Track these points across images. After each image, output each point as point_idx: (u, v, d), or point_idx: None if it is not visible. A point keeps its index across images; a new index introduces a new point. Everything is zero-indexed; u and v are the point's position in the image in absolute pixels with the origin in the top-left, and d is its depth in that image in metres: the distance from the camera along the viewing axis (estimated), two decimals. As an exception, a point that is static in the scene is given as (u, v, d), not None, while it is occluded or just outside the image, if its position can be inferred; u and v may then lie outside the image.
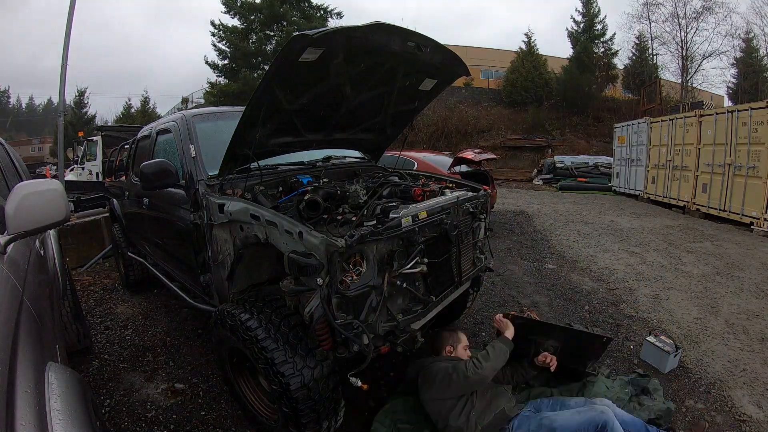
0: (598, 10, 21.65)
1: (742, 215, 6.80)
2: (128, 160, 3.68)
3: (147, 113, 27.35)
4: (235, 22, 20.39)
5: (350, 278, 1.61)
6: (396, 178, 2.60)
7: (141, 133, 3.50)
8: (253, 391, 2.09)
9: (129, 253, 3.78)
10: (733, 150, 7.07)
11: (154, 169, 2.13)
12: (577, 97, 19.08)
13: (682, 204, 8.45)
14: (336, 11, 20.87)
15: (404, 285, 1.80)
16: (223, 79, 20.96)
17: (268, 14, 19.54)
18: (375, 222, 1.72)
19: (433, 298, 1.99)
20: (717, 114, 7.68)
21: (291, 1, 19.90)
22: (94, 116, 29.12)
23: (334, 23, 20.79)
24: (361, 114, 2.46)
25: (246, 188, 2.07)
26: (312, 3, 20.76)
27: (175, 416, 2.23)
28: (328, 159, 2.79)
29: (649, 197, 9.81)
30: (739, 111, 7.05)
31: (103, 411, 2.26)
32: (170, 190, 2.36)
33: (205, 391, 2.43)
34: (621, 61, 22.15)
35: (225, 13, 20.23)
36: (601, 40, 21.71)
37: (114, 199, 4.09)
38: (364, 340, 1.60)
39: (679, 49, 20.14)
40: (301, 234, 1.56)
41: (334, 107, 2.23)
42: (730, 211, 7.09)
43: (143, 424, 2.16)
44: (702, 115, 8.07)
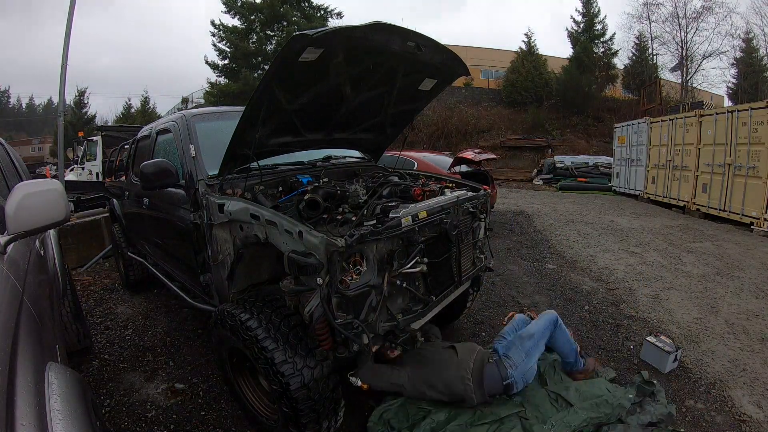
0: (598, 10, 21.66)
1: (742, 215, 6.80)
2: (128, 160, 3.68)
3: (147, 113, 27.34)
4: (235, 22, 20.41)
5: (350, 278, 1.61)
6: (396, 178, 2.60)
7: (141, 133, 3.50)
8: (253, 391, 2.09)
9: (129, 253, 3.78)
10: (733, 150, 7.07)
11: (154, 169, 2.13)
12: (577, 97, 19.07)
13: (682, 204, 8.45)
14: (336, 11, 20.91)
15: (404, 285, 1.81)
16: (223, 79, 20.96)
17: (269, 14, 19.55)
18: (375, 222, 1.72)
19: (433, 298, 1.99)
20: (717, 114, 7.68)
21: (291, 1, 19.90)
22: (94, 116, 29.11)
23: (334, 23, 20.80)
24: (361, 114, 2.46)
25: (246, 188, 2.07)
26: (312, 3, 20.77)
27: (175, 416, 2.23)
28: (328, 159, 2.79)
29: (649, 197, 9.81)
30: (739, 111, 7.05)
31: (103, 411, 2.26)
32: (170, 190, 2.36)
33: (205, 391, 2.43)
34: (621, 61, 22.18)
35: (225, 13, 20.25)
36: (601, 40, 21.71)
37: (114, 199, 4.09)
38: (364, 340, 1.60)
39: (679, 49, 20.15)
40: (300, 233, 1.56)
41: (334, 107, 2.23)
42: (730, 211, 7.09)
43: (143, 424, 2.16)
44: (702, 115, 8.07)
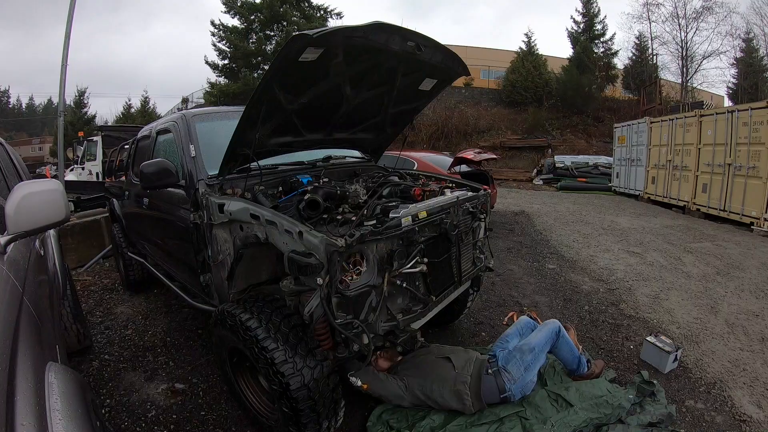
0: (598, 10, 21.67)
1: (742, 215, 6.80)
2: (128, 160, 3.68)
3: (147, 113, 27.31)
4: (235, 22, 20.42)
5: (350, 278, 1.61)
6: (396, 178, 2.60)
7: (141, 133, 3.50)
8: (253, 391, 2.09)
9: (129, 253, 3.78)
10: (733, 150, 7.07)
11: (154, 169, 2.13)
12: (577, 97, 19.07)
13: (682, 204, 8.45)
14: (336, 11, 20.91)
15: (404, 285, 1.81)
16: (223, 79, 20.97)
17: (268, 14, 19.55)
18: (375, 222, 1.73)
19: (433, 298, 1.99)
20: (717, 114, 7.68)
21: (291, 1, 19.90)
22: (94, 116, 29.10)
23: (334, 23, 20.80)
24: (361, 114, 2.46)
25: (246, 188, 2.07)
26: (312, 3, 20.77)
27: (175, 416, 2.23)
28: (328, 159, 2.78)
29: (649, 197, 9.81)
30: (739, 111, 7.05)
31: (103, 411, 2.25)
32: (170, 189, 2.36)
33: (205, 391, 2.43)
34: (621, 61, 22.19)
35: (225, 13, 20.26)
36: (601, 40, 21.72)
37: (114, 199, 4.09)
38: (364, 340, 1.60)
39: (679, 49, 20.15)
40: (300, 234, 1.56)
41: (334, 107, 2.23)
42: (730, 211, 7.09)
43: (143, 424, 2.16)
44: (702, 115, 8.07)
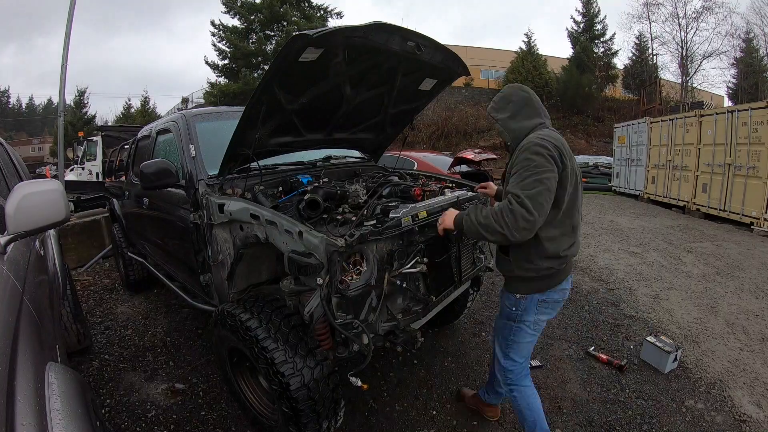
0: (598, 10, 21.71)
1: (742, 215, 6.79)
2: (128, 160, 3.68)
3: (147, 113, 27.34)
4: (235, 22, 20.42)
5: (350, 278, 1.61)
6: (396, 178, 2.60)
7: (141, 133, 3.50)
8: (253, 391, 2.09)
9: (129, 253, 3.78)
10: (733, 150, 7.07)
11: (154, 169, 2.13)
12: (577, 97, 19.09)
13: (682, 204, 8.45)
14: (336, 11, 20.91)
15: (404, 285, 1.80)
16: (223, 79, 20.97)
17: (268, 14, 19.55)
18: (375, 222, 1.72)
19: (433, 298, 1.99)
20: (717, 114, 7.68)
21: (291, 1, 19.90)
22: (94, 116, 29.12)
23: (334, 23, 20.80)
24: (361, 114, 2.46)
25: (246, 188, 2.07)
26: (312, 3, 20.77)
27: (175, 416, 2.23)
28: (328, 159, 2.78)
29: (649, 197, 9.80)
30: (739, 111, 7.04)
31: (103, 411, 2.25)
32: (170, 189, 2.36)
33: (205, 391, 2.43)
34: (621, 61, 22.26)
35: (225, 13, 20.26)
36: (601, 40, 21.76)
37: (114, 199, 4.09)
38: (364, 340, 1.60)
39: (679, 49, 20.16)
40: (300, 233, 1.56)
41: (334, 107, 2.23)
42: (730, 211, 7.09)
43: (143, 424, 2.16)
44: (702, 115, 8.07)
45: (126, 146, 4.12)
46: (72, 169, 11.55)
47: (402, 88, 2.33)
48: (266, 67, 13.85)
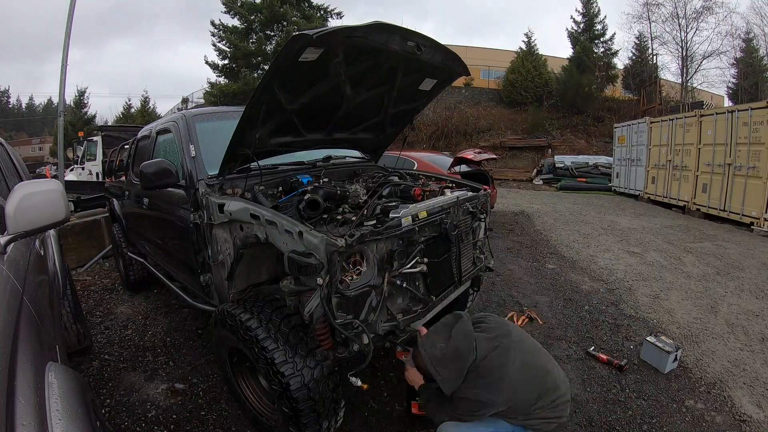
0: (598, 10, 21.68)
1: (742, 215, 6.79)
2: (128, 160, 3.68)
3: (147, 113, 27.32)
4: (235, 22, 20.39)
5: (350, 278, 1.61)
6: (396, 178, 2.60)
7: (141, 133, 3.50)
8: (253, 391, 2.09)
9: (129, 253, 3.78)
10: (733, 150, 7.07)
11: (154, 169, 2.13)
12: (577, 97, 19.07)
13: (682, 204, 8.45)
14: (336, 11, 20.90)
15: (404, 285, 1.80)
16: (223, 79, 20.95)
17: (268, 14, 19.52)
18: (375, 222, 1.73)
19: (433, 298, 1.99)
20: (717, 114, 7.68)
21: (291, 1, 19.87)
22: (94, 116, 29.10)
23: (334, 23, 20.80)
24: (361, 114, 2.46)
25: (246, 188, 2.07)
26: (312, 3, 20.76)
27: (175, 416, 2.23)
28: (328, 159, 2.79)
29: (649, 197, 9.81)
30: (739, 111, 7.04)
31: (103, 411, 2.25)
32: (170, 189, 2.36)
33: (205, 391, 2.43)
34: (621, 61, 22.21)
35: (225, 13, 20.23)
36: (601, 40, 21.74)
37: (114, 199, 4.09)
38: (364, 340, 1.60)
39: (679, 49, 20.15)
40: (300, 234, 1.56)
41: (334, 107, 2.23)
42: (730, 211, 7.09)
43: (143, 424, 2.16)
44: (702, 115, 8.07)
45: (126, 146, 4.12)
46: (72, 169, 11.55)
47: (402, 88, 2.33)
48: (266, 67, 13.85)
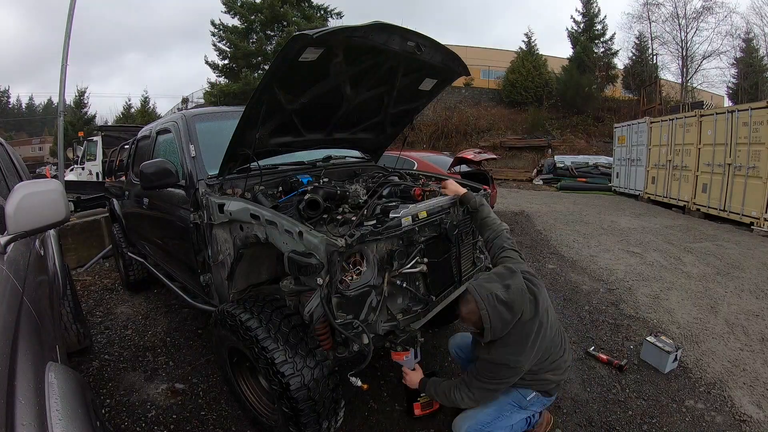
0: (598, 10, 21.71)
1: (742, 215, 6.79)
2: (128, 160, 3.68)
3: (147, 113, 27.34)
4: (235, 22, 20.38)
5: (350, 278, 1.61)
6: (396, 178, 2.59)
7: (141, 133, 3.50)
8: (253, 391, 2.09)
9: (129, 253, 3.78)
10: (733, 150, 7.07)
11: (154, 169, 2.13)
12: (577, 97, 19.08)
13: (682, 204, 8.45)
14: (336, 11, 20.89)
15: (404, 285, 1.80)
16: (223, 79, 20.95)
17: (269, 14, 19.51)
18: (375, 222, 1.73)
19: (433, 298, 1.99)
20: (717, 114, 7.68)
21: (291, 1, 19.87)
22: (94, 116, 29.11)
23: (334, 23, 20.79)
24: (361, 114, 2.46)
25: (246, 188, 2.07)
26: (312, 3, 20.75)
27: (175, 416, 2.23)
28: (328, 159, 2.78)
29: (649, 197, 9.81)
30: (739, 111, 7.04)
31: (103, 411, 2.25)
32: (170, 190, 2.36)
33: (205, 391, 2.43)
34: (621, 61, 22.22)
35: (225, 13, 20.22)
36: (601, 40, 21.76)
37: (114, 199, 4.09)
38: (364, 340, 1.60)
39: (679, 49, 20.15)
40: (300, 234, 1.56)
41: (334, 107, 2.23)
42: (730, 211, 7.09)
43: (143, 424, 2.16)
44: (702, 115, 8.07)
45: (126, 146, 4.12)
46: (72, 169, 11.56)
47: (402, 88, 2.33)
48: (266, 67, 13.83)
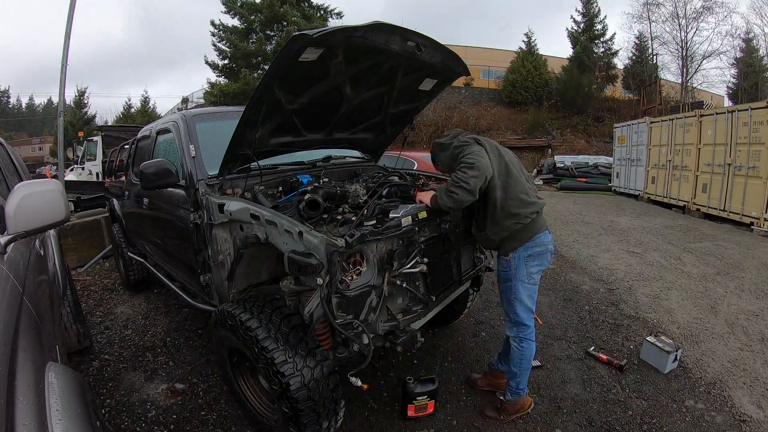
0: (598, 10, 21.71)
1: (742, 215, 6.79)
2: (128, 160, 3.68)
3: (147, 113, 27.34)
4: (235, 22, 20.37)
5: (350, 278, 1.61)
6: (396, 178, 2.59)
7: (141, 133, 3.50)
8: (253, 391, 2.09)
9: (129, 253, 3.78)
10: (733, 150, 7.07)
11: (154, 169, 2.13)
12: (577, 97, 19.08)
13: (682, 204, 8.45)
14: (336, 11, 20.89)
15: (404, 285, 1.80)
16: (223, 79, 20.94)
17: (269, 14, 19.51)
18: (375, 222, 1.72)
19: (433, 298, 1.99)
20: (717, 114, 7.68)
21: (291, 1, 19.87)
22: (94, 116, 29.10)
23: (334, 23, 20.79)
24: (361, 114, 2.46)
25: (246, 188, 2.07)
26: (312, 3, 20.75)
27: (175, 416, 2.23)
28: (328, 159, 2.79)
29: (649, 197, 9.80)
30: (739, 111, 7.04)
31: (103, 411, 2.25)
32: (170, 190, 2.36)
33: (205, 391, 2.43)
34: (621, 61, 22.23)
35: (225, 13, 20.21)
36: (601, 40, 21.76)
37: (114, 199, 4.09)
38: (364, 340, 1.60)
39: (679, 49, 20.15)
40: (300, 234, 1.56)
41: (334, 107, 2.23)
42: (730, 211, 7.09)
43: (143, 424, 2.16)
44: (702, 115, 8.07)
45: (126, 146, 4.12)
46: (72, 169, 11.55)
47: (402, 88, 2.33)
48: (266, 67, 13.83)
